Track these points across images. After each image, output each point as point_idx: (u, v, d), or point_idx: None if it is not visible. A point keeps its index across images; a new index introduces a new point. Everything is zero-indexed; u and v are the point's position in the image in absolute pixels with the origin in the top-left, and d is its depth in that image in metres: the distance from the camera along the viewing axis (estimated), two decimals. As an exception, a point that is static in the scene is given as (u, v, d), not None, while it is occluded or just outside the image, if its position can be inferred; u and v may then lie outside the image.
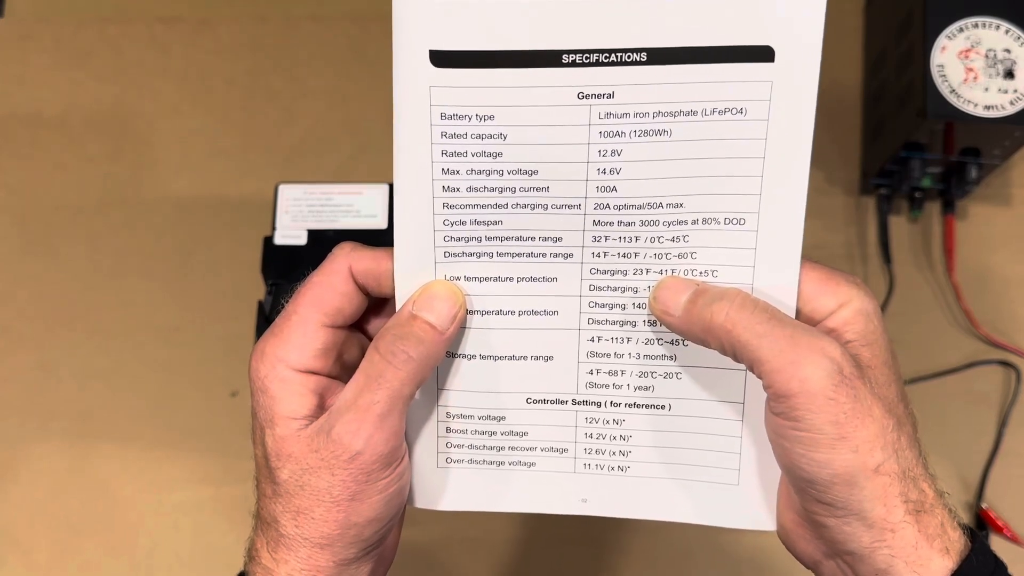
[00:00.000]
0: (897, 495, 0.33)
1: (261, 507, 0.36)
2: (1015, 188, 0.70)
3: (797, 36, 0.32)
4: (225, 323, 0.68)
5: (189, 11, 0.77)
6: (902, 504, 0.33)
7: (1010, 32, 0.61)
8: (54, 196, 0.72)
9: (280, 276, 0.52)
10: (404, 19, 0.34)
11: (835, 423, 0.32)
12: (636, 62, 0.33)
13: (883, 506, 0.33)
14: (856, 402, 0.32)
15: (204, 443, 0.66)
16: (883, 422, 0.33)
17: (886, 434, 0.33)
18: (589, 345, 0.38)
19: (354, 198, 0.53)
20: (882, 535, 0.33)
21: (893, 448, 0.33)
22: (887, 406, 0.33)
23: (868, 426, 0.32)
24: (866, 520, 0.33)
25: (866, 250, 0.69)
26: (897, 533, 0.33)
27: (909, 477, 0.33)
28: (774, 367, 0.33)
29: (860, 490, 0.32)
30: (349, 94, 0.74)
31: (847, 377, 0.32)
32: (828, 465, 0.32)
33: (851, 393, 0.32)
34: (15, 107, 0.74)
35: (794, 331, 0.33)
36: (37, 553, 0.64)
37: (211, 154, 0.72)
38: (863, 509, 0.33)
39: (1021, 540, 0.63)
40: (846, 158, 0.71)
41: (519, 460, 0.39)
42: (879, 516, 0.33)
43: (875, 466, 0.32)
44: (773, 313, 0.34)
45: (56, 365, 0.68)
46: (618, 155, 0.34)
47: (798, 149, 0.34)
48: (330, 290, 0.36)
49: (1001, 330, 0.67)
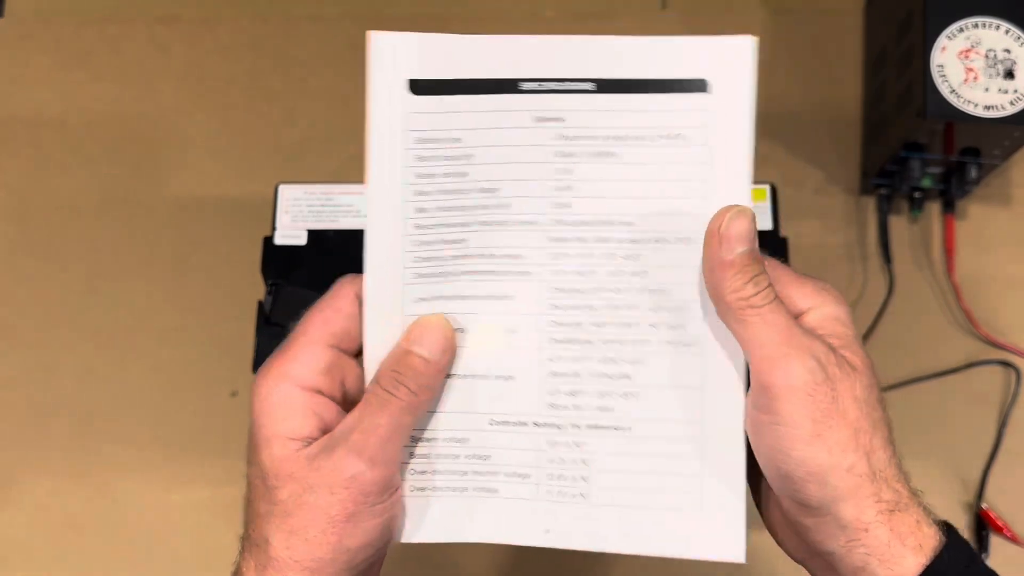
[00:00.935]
0: (869, 495, 0.33)
1: (252, 528, 0.37)
2: (1015, 188, 0.70)
3: (730, 69, 0.36)
4: (225, 323, 0.68)
5: (189, 11, 0.77)
6: (874, 504, 0.33)
7: (1010, 32, 0.61)
8: (54, 196, 0.72)
9: (280, 276, 0.52)
10: (383, 52, 0.37)
11: (812, 420, 0.33)
12: (586, 91, 0.36)
13: (855, 507, 0.33)
14: (833, 403, 0.33)
15: (204, 443, 0.66)
16: (857, 424, 0.34)
17: (859, 436, 0.34)
18: (549, 365, 0.38)
19: (354, 198, 0.53)
20: (856, 535, 0.33)
21: (865, 451, 0.34)
22: (863, 409, 0.34)
23: (842, 428, 0.33)
24: (840, 520, 0.34)
25: (866, 250, 0.69)
26: (870, 532, 0.33)
27: (881, 478, 0.34)
28: (764, 354, 0.33)
29: (832, 490, 0.33)
30: (349, 94, 0.74)
31: (829, 378, 0.33)
32: (803, 464, 0.33)
33: (830, 394, 0.33)
34: (15, 107, 0.74)
35: (792, 326, 0.34)
36: (38, 553, 0.64)
37: (211, 154, 0.73)
38: (837, 509, 0.33)
39: (1021, 540, 0.63)
40: (846, 158, 0.71)
41: (482, 486, 0.38)
42: (852, 516, 0.33)
43: (847, 467, 0.33)
44: (779, 304, 0.34)
45: (56, 365, 0.68)
46: (571, 174, 0.37)
47: (738, 174, 0.36)
48: (337, 312, 0.37)
49: (1001, 330, 0.67)
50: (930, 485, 0.65)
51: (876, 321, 0.66)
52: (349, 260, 0.51)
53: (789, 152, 0.71)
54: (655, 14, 0.76)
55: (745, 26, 0.74)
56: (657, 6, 0.76)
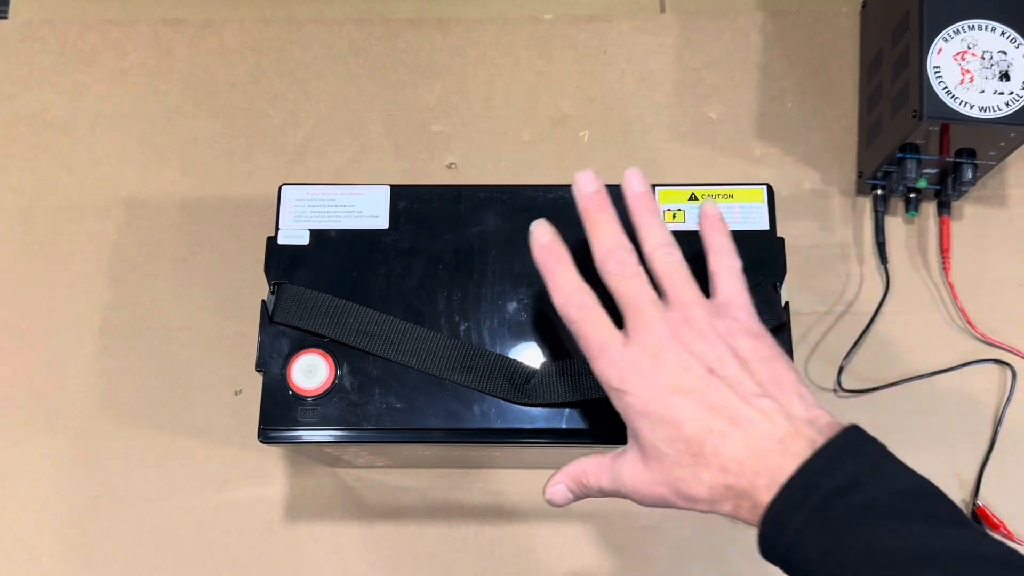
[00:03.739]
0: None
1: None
2: (1010, 189, 0.71)
3: None
4: (229, 322, 0.68)
5: (192, 13, 0.77)
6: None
7: (1005, 34, 0.61)
8: (59, 197, 0.72)
9: (283, 276, 0.52)
10: None
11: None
12: None
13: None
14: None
15: (208, 441, 0.66)
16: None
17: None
18: None
19: (356, 199, 0.54)
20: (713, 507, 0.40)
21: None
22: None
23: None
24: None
25: (862, 250, 0.70)
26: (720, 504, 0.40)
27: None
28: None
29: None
30: (351, 96, 0.74)
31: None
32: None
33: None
34: (20, 109, 0.75)
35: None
36: (42, 551, 0.65)
37: (215, 155, 0.73)
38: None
39: (1016, 537, 0.63)
40: (842, 159, 0.72)
41: None
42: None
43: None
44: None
45: (61, 364, 0.68)
46: None
47: None
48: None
49: (996, 329, 0.67)
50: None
51: (872, 320, 0.67)
52: (351, 260, 0.52)
53: (786, 153, 0.72)
54: (654, 17, 0.76)
55: (743, 29, 0.75)
56: (656, 10, 0.77)
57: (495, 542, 0.64)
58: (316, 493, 0.65)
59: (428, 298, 0.51)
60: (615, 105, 0.74)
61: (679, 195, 0.53)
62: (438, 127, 0.73)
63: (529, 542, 0.64)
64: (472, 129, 0.73)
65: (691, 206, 0.53)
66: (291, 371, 0.50)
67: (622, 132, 0.73)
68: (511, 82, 0.75)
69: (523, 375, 0.50)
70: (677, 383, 0.40)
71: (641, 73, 0.75)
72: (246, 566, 0.64)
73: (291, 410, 0.50)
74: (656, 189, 0.53)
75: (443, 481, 0.65)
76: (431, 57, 0.75)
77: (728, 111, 0.73)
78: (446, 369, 0.50)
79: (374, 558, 0.64)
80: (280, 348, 0.51)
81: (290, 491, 0.66)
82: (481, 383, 0.50)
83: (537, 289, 0.52)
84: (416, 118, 0.74)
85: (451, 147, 0.73)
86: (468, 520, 0.65)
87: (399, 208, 0.53)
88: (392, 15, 0.77)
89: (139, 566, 0.64)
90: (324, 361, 0.50)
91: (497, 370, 0.50)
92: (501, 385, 0.49)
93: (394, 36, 0.76)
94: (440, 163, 0.73)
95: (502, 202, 0.53)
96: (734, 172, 0.71)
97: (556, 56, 0.75)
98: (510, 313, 0.51)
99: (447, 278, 0.52)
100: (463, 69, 0.75)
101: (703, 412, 0.40)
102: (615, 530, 0.64)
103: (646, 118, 0.73)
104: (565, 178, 0.73)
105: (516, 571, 0.64)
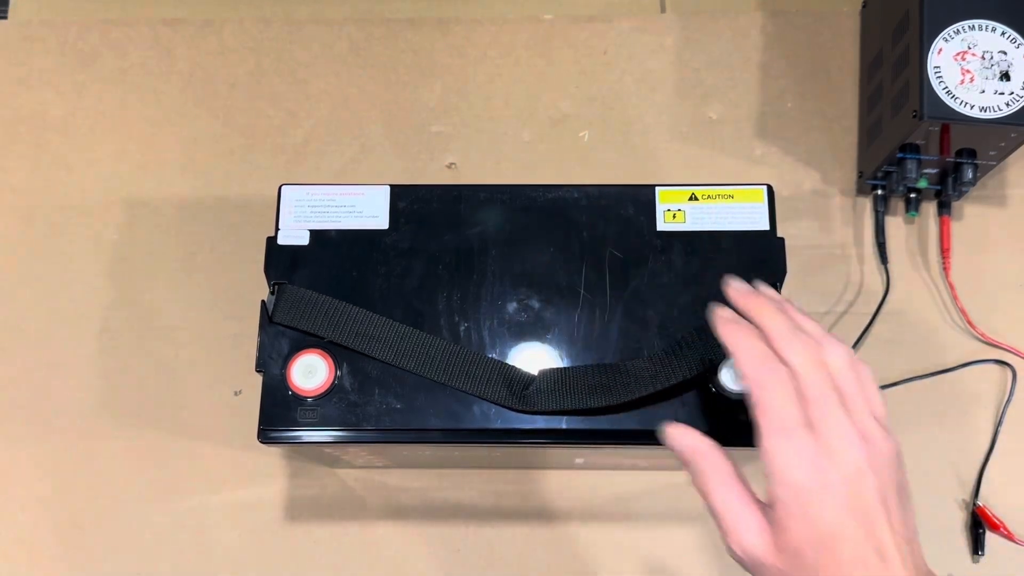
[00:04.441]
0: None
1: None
2: (1011, 189, 0.71)
3: None
4: (228, 322, 0.68)
5: (192, 13, 0.77)
6: None
7: (1006, 34, 0.61)
8: (59, 197, 0.72)
9: (283, 276, 0.52)
10: None
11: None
12: None
13: None
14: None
15: (208, 441, 0.66)
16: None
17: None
18: None
19: (356, 199, 0.54)
20: None
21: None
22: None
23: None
24: None
25: (863, 250, 0.70)
26: None
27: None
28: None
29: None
30: (351, 96, 0.74)
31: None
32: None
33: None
34: (19, 109, 0.75)
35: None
36: (41, 551, 0.65)
37: (215, 155, 0.73)
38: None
39: (1016, 538, 0.63)
40: (843, 159, 0.72)
41: None
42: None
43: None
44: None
45: (61, 364, 0.68)
46: None
47: None
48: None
49: (997, 329, 0.67)
50: (926, 483, 0.65)
51: (872, 321, 0.67)
52: (351, 260, 0.52)
53: (786, 153, 0.72)
54: (654, 17, 0.76)
55: (743, 29, 0.75)
56: (656, 9, 0.77)
57: (495, 542, 0.64)
58: (316, 493, 0.65)
59: (428, 298, 0.51)
60: (615, 105, 0.74)
61: (679, 195, 0.53)
62: (438, 127, 0.73)
63: (529, 542, 0.64)
64: (472, 129, 0.73)
65: (691, 206, 0.53)
66: (291, 371, 0.50)
67: (622, 132, 0.73)
68: (511, 82, 0.75)
69: (521, 381, 0.50)
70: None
71: (641, 73, 0.75)
72: (246, 566, 0.64)
73: (291, 410, 0.50)
74: (656, 189, 0.53)
75: (443, 481, 0.65)
76: (431, 57, 0.75)
77: (728, 111, 0.73)
78: (443, 374, 0.50)
79: (374, 558, 0.64)
80: (280, 348, 0.51)
81: (290, 491, 0.65)
82: (479, 389, 0.49)
83: (537, 289, 0.52)
84: (416, 118, 0.74)
85: (451, 147, 0.73)
86: (468, 520, 0.65)
87: (399, 208, 0.53)
88: (392, 15, 0.77)
89: (139, 566, 0.64)
90: (324, 361, 0.50)
91: (495, 376, 0.50)
92: (499, 391, 0.49)
93: (394, 36, 0.76)
94: (440, 163, 0.73)
95: (502, 202, 0.53)
96: (734, 172, 0.71)
97: (556, 56, 0.75)
98: (510, 313, 0.51)
99: (447, 278, 0.52)
100: (463, 69, 0.75)
101: (863, 538, 0.39)
102: (615, 530, 0.64)
103: (646, 118, 0.73)
104: (565, 178, 0.73)
105: (516, 571, 0.64)
